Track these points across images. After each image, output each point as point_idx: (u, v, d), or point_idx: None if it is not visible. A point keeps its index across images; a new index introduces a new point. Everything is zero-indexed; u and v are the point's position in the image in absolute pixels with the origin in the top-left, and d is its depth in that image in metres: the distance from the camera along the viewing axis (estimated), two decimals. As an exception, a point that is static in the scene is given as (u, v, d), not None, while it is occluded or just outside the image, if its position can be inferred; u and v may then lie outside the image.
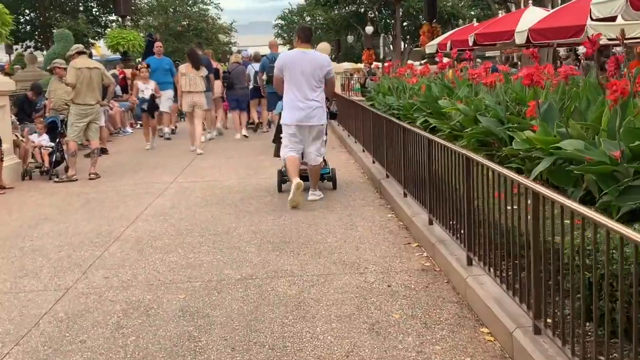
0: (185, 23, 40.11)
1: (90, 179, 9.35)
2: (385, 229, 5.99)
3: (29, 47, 24.69)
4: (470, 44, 13.69)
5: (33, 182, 9.47)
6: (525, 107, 6.85)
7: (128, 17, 21.32)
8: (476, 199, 4.27)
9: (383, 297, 4.22)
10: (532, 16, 12.60)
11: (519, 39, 11.86)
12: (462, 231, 4.51)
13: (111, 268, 5.11)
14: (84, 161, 10.89)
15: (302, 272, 4.80)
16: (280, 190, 7.87)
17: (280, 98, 7.93)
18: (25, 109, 11.59)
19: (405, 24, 43.05)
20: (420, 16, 42.23)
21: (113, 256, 5.44)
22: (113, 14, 20.82)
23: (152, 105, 12.67)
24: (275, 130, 8.45)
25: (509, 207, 3.62)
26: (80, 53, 9.62)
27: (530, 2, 15.43)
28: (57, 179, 9.36)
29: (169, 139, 13.94)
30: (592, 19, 8.46)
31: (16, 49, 25.43)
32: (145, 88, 12.60)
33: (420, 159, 5.97)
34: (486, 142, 7.19)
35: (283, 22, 58.03)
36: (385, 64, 28.02)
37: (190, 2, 42.27)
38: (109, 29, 20.22)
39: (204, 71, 12.35)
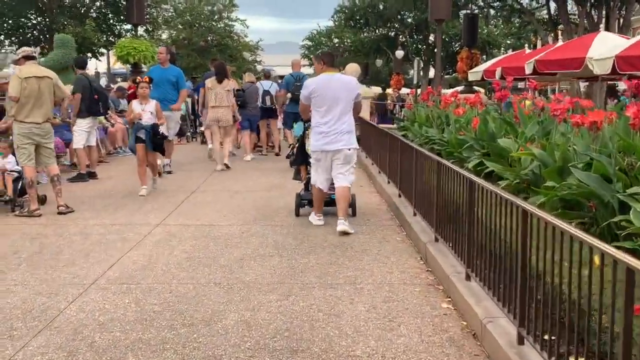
0: (209, 38, 38.63)
1: (59, 212, 7.55)
2: (443, 333, 4.05)
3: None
4: (528, 72, 11.78)
5: (-11, 214, 7.69)
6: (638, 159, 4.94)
7: (142, 26, 19.81)
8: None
9: None
10: (608, 42, 10.66)
11: (600, 67, 9.83)
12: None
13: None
14: (70, 187, 9.12)
15: None
16: (297, 214, 7.55)
17: (298, 119, 8.51)
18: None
19: (436, 50, 41.28)
20: (454, 42, 40.52)
21: (29, 360, 3.58)
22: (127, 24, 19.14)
23: (152, 134, 8.85)
24: (294, 153, 8.34)
25: None
26: (27, 58, 7.75)
27: (601, 27, 13.52)
28: (19, 213, 7.56)
29: (169, 172, 11.00)
30: None
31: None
32: (143, 109, 8.89)
33: (491, 227, 4.09)
34: (576, 204, 5.26)
35: (311, 42, 56.52)
36: (412, 90, 26.13)
37: (216, 17, 40.86)
38: (121, 39, 18.57)
39: (230, 85, 12.06)
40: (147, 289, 4.83)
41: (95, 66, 37.37)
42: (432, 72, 41.60)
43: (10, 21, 22.24)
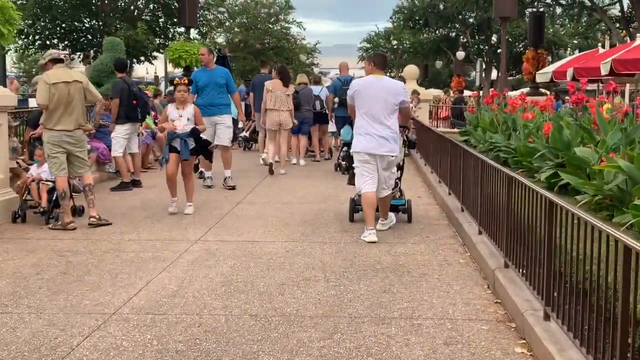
0: (265, 41, 38.30)
1: (90, 224, 7.09)
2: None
3: (87, 57, 23.29)
4: (604, 72, 10.78)
5: (23, 226, 7.29)
6: None
7: (195, 29, 19.50)
8: None
9: None
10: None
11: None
12: None
13: None
14: (111, 197, 8.72)
15: None
16: (352, 220, 7.38)
17: (346, 123, 9.00)
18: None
19: (498, 50, 39.91)
20: (517, 42, 39.09)
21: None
22: (180, 26, 18.76)
23: (195, 140, 7.76)
24: (345, 157, 8.56)
25: None
26: (55, 61, 7.25)
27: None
28: (52, 225, 7.14)
29: (210, 186, 9.85)
30: None
31: (73, 59, 24.08)
32: (180, 115, 7.73)
33: (577, 258, 3.36)
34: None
35: (368, 45, 55.76)
36: (475, 93, 25.06)
37: (273, 19, 40.53)
38: (174, 42, 18.23)
39: (291, 89, 11.98)
40: (174, 322, 4.25)
41: (154, 70, 37.62)
42: (494, 74, 40.27)
43: (63, 25, 22.33)
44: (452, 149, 8.34)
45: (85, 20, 22.96)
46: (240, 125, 11.39)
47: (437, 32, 40.91)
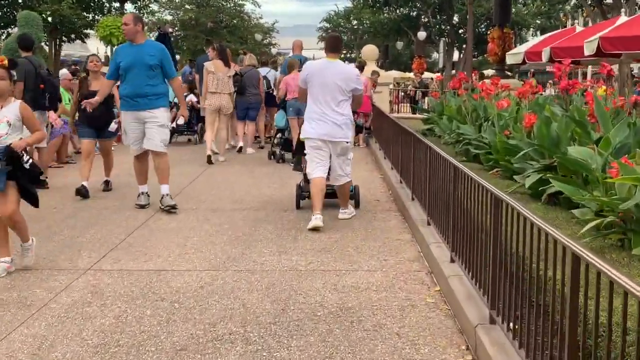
0: (218, 19, 36.23)
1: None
2: None
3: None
4: (589, 52, 9.47)
5: None
6: None
7: (132, 3, 17.70)
8: None
9: None
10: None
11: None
12: None
13: None
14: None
15: None
16: (298, 207, 7.15)
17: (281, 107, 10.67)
18: None
19: (460, 31, 38.79)
20: (480, 23, 37.94)
21: None
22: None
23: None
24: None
25: None
26: None
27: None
28: None
29: (143, 205, 7.26)
30: None
31: None
32: None
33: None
34: None
35: (328, 24, 54.15)
36: (439, 75, 23.88)
37: (226, -4, 38.48)
38: (105, 17, 16.26)
39: (232, 71, 11.15)
40: None
41: (96, 49, 35.24)
42: (456, 55, 39.12)
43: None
44: (415, 144, 6.93)
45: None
46: (181, 121, 9.57)
47: (397, 11, 39.48)
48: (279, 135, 11.04)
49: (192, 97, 12.63)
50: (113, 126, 8.12)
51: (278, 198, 7.85)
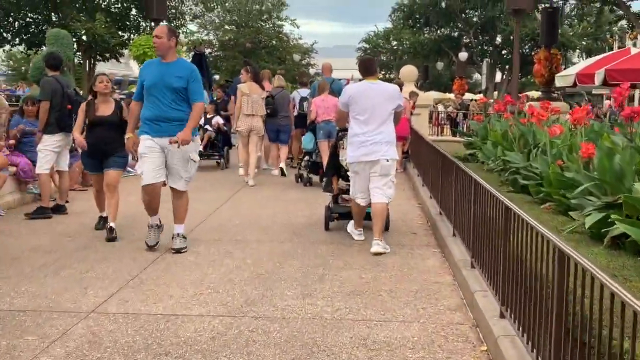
0: (257, 40, 36.01)
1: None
2: None
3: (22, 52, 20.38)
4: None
5: None
6: None
7: (166, 23, 17.41)
8: None
9: None
10: None
11: None
12: None
13: None
14: (23, 227, 6.65)
15: None
16: (327, 228, 7.13)
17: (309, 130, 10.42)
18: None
19: (504, 52, 37.94)
20: (523, 43, 37.00)
21: None
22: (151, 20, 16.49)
23: None
24: (326, 166, 7.95)
25: None
26: None
27: None
28: None
29: (152, 246, 6.26)
30: None
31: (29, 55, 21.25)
32: None
33: None
34: None
35: (367, 45, 53.71)
36: (482, 97, 23.07)
37: (265, 17, 38.30)
38: (139, 36, 15.95)
39: (265, 92, 10.99)
40: None
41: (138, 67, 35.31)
42: (498, 76, 38.24)
43: (19, 18, 19.97)
44: (457, 173, 6.30)
45: (42, 13, 20.37)
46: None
47: (438, 31, 38.86)
48: (306, 157, 10.74)
49: (218, 119, 12.15)
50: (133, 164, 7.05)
51: (306, 227, 7.31)
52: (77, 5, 19.50)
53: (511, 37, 35.31)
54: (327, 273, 5.53)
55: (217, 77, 34.61)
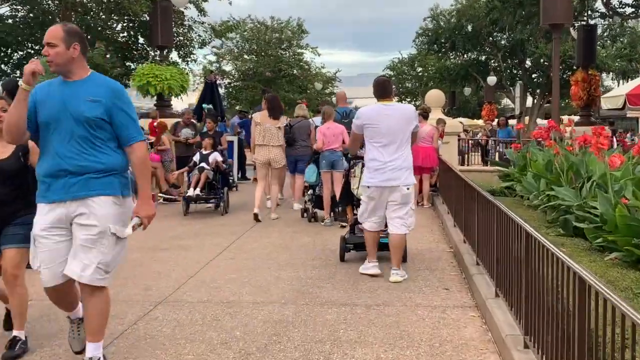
0: (277, 68, 35.12)
1: None
2: None
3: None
4: None
5: None
6: None
7: (173, 51, 16.50)
8: None
9: None
10: None
11: None
12: None
13: None
14: None
15: None
16: (342, 259, 6.81)
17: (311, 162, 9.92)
18: None
19: (534, 75, 36.54)
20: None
21: None
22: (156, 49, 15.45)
23: None
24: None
25: None
26: None
27: None
28: None
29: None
30: None
31: None
32: None
33: None
34: None
35: (391, 72, 52.70)
36: (519, 123, 21.65)
37: (285, 45, 37.47)
38: (141, 65, 14.99)
39: (283, 122, 10.22)
40: None
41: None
42: (529, 101, 36.79)
43: (18, 50, 19.23)
44: (499, 217, 5.05)
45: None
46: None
47: (464, 56, 37.64)
48: (310, 192, 9.88)
49: (216, 156, 10.78)
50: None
51: (315, 283, 6.10)
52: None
53: (542, 60, 33.98)
54: (335, 351, 4.30)
55: (237, 107, 33.76)
